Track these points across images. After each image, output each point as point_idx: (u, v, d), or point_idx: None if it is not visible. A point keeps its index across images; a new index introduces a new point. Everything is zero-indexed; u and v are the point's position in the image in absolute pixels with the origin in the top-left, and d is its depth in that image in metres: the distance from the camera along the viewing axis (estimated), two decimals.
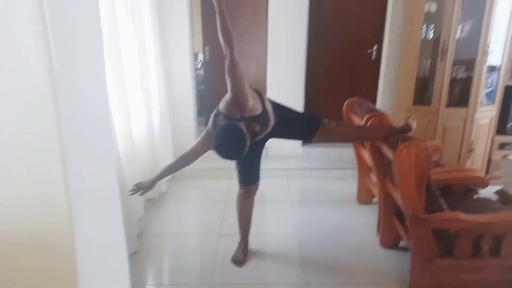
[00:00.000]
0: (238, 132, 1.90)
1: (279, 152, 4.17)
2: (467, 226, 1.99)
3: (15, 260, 0.79)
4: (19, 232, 0.76)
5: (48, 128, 0.68)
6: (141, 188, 2.20)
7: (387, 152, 2.22)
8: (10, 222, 0.76)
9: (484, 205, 2.43)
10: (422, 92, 3.61)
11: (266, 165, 3.94)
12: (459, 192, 2.63)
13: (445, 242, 2.13)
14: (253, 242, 2.68)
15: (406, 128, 2.23)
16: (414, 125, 2.22)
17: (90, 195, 0.79)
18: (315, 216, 3.18)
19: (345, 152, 4.12)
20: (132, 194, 2.21)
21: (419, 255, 2.14)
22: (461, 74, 3.48)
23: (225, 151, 1.89)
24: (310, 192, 3.70)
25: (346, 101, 3.06)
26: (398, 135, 2.16)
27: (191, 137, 4.05)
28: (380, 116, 2.44)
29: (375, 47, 4.02)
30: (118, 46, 2.41)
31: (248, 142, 1.94)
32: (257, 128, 2.07)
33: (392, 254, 2.63)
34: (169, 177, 3.72)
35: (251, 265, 2.51)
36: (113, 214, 0.88)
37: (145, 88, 2.99)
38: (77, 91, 0.75)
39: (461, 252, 2.09)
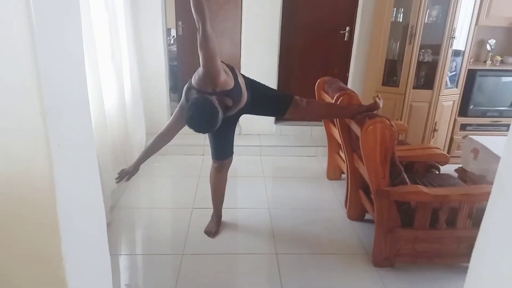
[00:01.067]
0: (209, 105, 1.93)
1: (252, 130, 4.24)
2: (426, 199, 2.13)
3: None
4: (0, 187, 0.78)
5: (28, 81, 0.70)
6: (126, 173, 2.21)
7: (355, 128, 2.33)
8: None
9: (443, 181, 2.61)
10: (391, 74, 3.74)
11: (239, 142, 3.99)
12: (422, 168, 2.79)
13: (407, 214, 2.27)
14: (226, 215, 2.76)
15: (374, 106, 2.33)
16: (380, 103, 2.33)
17: (69, 148, 0.82)
18: (286, 191, 3.29)
19: (316, 131, 4.23)
20: (118, 182, 2.22)
21: (382, 226, 2.28)
22: (428, 58, 3.62)
23: (197, 124, 1.93)
24: (282, 168, 3.80)
25: (318, 80, 3.14)
26: (366, 113, 2.26)
27: (164, 113, 4.04)
28: (349, 95, 2.53)
29: (347, 29, 4.10)
30: (89, 17, 2.36)
31: (220, 116, 1.98)
32: (230, 102, 2.11)
33: (358, 225, 2.78)
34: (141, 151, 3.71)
35: (223, 236, 2.60)
36: (90, 166, 0.92)
37: (116, 61, 2.94)
38: (56, 46, 0.77)
39: (419, 224, 2.24)
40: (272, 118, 4.24)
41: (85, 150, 0.90)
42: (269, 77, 3.98)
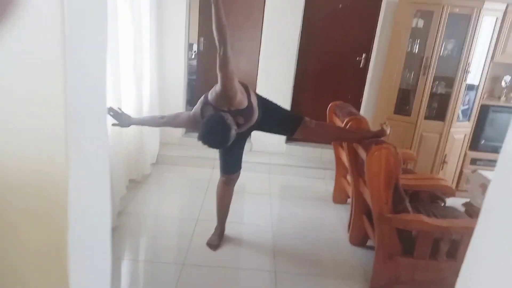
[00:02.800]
0: (224, 123, 2.03)
1: (264, 147, 4.30)
2: (427, 228, 2.15)
3: (13, 206, 0.89)
4: (20, 181, 0.86)
5: (55, 91, 0.79)
6: (119, 119, 2.31)
7: (362, 153, 2.37)
8: (12, 171, 0.87)
9: (448, 213, 2.61)
10: (403, 102, 3.78)
11: (250, 158, 4.09)
12: (427, 199, 2.80)
13: (407, 242, 2.29)
14: (230, 230, 2.80)
15: (381, 133, 2.38)
16: (388, 131, 2.38)
17: (85, 155, 0.90)
18: (292, 210, 3.33)
19: (326, 154, 4.27)
20: (108, 113, 2.27)
21: (382, 252, 2.29)
22: (441, 90, 3.66)
23: (211, 140, 2.02)
24: (289, 188, 3.84)
25: (330, 104, 3.20)
26: (373, 139, 2.31)
27: None
28: (358, 120, 2.59)
29: (363, 56, 4.18)
30: (116, 28, 2.50)
31: (233, 133, 2.06)
32: (242, 121, 2.20)
33: (359, 251, 2.78)
34: (154, 160, 3.82)
35: (225, 250, 2.64)
36: (102, 170, 1.00)
37: (137, 71, 3.08)
38: (83, 62, 0.86)
39: (420, 253, 2.24)
40: (283, 137, 4.31)
41: (99, 155, 0.98)
42: (283, 98, 4.06)
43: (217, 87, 2.13)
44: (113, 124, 2.34)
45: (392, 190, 2.18)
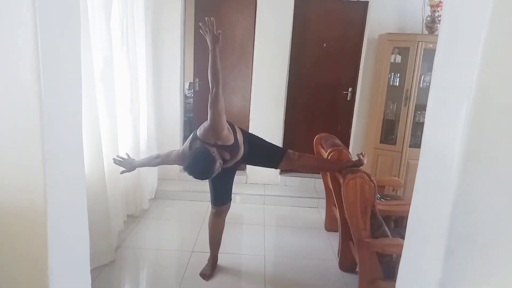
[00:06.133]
0: (209, 155, 2.21)
1: (259, 179, 4.46)
2: None
3: None
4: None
5: (33, 133, 0.98)
6: (124, 165, 2.55)
7: (341, 181, 2.52)
8: None
9: None
10: (389, 132, 3.96)
11: (245, 190, 4.24)
12: None
13: (388, 267, 2.39)
14: (224, 260, 2.92)
15: (358, 162, 2.54)
16: (364, 160, 2.54)
17: (62, 189, 1.06)
18: (284, 239, 3.44)
19: (319, 183, 4.40)
20: (114, 162, 2.56)
21: (364, 277, 2.40)
22: (423, 119, 3.84)
23: (196, 171, 2.18)
24: (283, 217, 3.96)
25: (316, 136, 3.39)
26: (350, 168, 2.47)
27: None
28: (339, 151, 2.76)
29: (350, 89, 4.40)
30: (112, 74, 2.74)
31: (217, 165, 2.23)
32: (228, 156, 2.38)
33: (348, 276, 2.87)
34: (152, 195, 3.99)
35: (217, 279, 2.74)
36: (80, 204, 1.16)
37: (134, 113, 3.31)
38: (60, 99, 1.05)
39: None
40: (278, 170, 4.47)
41: (77, 192, 1.13)
42: (275, 132, 4.28)
43: (206, 123, 2.34)
44: (122, 172, 2.58)
45: (369, 216, 2.31)
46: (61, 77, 1.07)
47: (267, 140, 2.72)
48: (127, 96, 3.17)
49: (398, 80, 3.84)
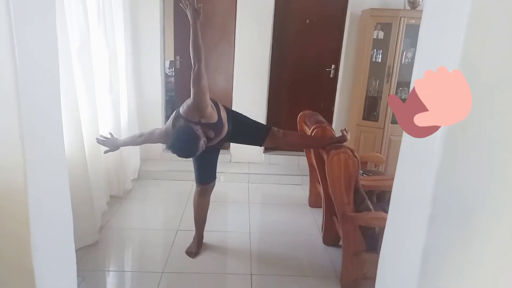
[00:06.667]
0: (193, 132, 2.17)
1: (243, 158, 4.47)
2: None
3: None
4: None
5: (10, 110, 0.94)
6: (108, 145, 2.53)
7: (325, 158, 2.54)
8: None
9: None
10: (371, 109, 4.00)
11: (230, 169, 4.24)
12: None
13: (372, 239, 2.45)
14: (209, 238, 2.93)
15: (342, 138, 2.56)
16: (348, 136, 2.56)
17: (42, 166, 1.04)
18: (269, 217, 3.47)
19: (303, 161, 4.43)
20: (98, 142, 2.54)
21: (348, 250, 2.45)
22: (405, 95, 3.88)
23: (179, 149, 2.16)
24: (268, 195, 3.99)
25: (300, 114, 3.39)
26: (334, 144, 2.48)
27: None
28: (323, 127, 2.77)
29: (333, 67, 4.39)
30: (89, 52, 2.65)
31: (201, 143, 2.21)
32: (212, 134, 2.35)
33: (332, 250, 2.93)
34: (135, 176, 3.95)
35: (203, 257, 2.76)
36: (61, 180, 1.13)
37: (114, 93, 3.22)
38: (37, 85, 1.01)
39: None
40: (262, 148, 4.47)
41: (58, 169, 1.11)
42: (258, 110, 4.25)
43: (189, 101, 2.30)
44: (105, 151, 2.55)
45: (353, 190, 2.35)
46: (36, 52, 1.02)
47: (251, 118, 2.70)
48: (106, 75, 3.08)
49: (380, 56, 3.85)
